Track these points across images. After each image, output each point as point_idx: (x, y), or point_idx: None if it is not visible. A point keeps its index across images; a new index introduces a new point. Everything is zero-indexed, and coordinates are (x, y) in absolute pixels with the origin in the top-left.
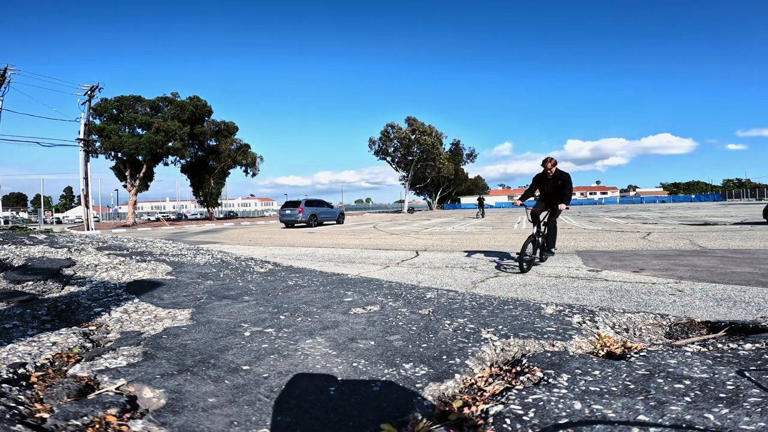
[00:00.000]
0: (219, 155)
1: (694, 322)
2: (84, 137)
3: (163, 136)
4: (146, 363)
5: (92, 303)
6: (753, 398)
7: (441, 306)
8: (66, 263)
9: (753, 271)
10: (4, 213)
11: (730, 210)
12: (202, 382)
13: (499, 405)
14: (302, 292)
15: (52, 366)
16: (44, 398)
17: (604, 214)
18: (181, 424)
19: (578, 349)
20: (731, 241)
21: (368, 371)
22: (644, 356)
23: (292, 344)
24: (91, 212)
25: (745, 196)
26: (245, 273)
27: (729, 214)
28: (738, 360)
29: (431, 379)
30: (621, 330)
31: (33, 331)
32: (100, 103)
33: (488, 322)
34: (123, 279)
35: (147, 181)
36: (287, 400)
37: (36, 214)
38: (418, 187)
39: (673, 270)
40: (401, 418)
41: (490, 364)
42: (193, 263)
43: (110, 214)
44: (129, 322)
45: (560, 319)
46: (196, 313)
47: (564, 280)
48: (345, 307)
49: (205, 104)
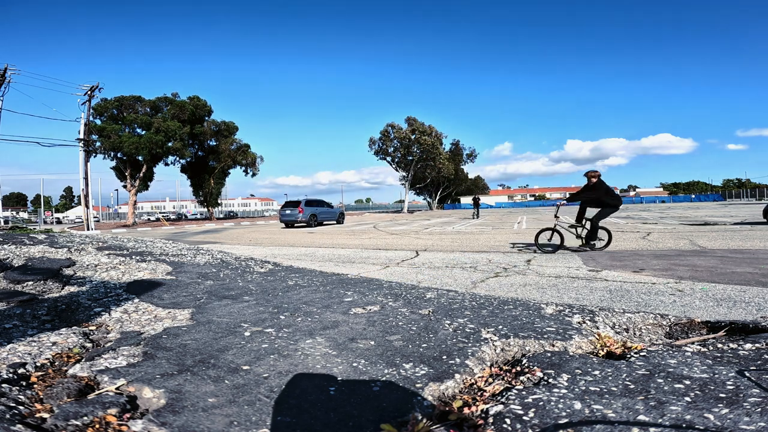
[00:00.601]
0: (219, 155)
1: (694, 322)
2: (84, 137)
3: (163, 136)
4: (146, 363)
5: (92, 303)
6: (753, 398)
7: (441, 306)
8: (66, 263)
9: (753, 271)
10: (4, 213)
11: (730, 210)
12: (202, 382)
13: (499, 405)
14: (302, 292)
15: (52, 366)
16: (44, 398)
17: None
18: (181, 424)
19: (578, 349)
20: (731, 241)
21: (368, 371)
22: (644, 356)
23: (292, 344)
24: (91, 212)
25: (745, 196)
26: (245, 273)
27: (729, 214)
28: (738, 360)
29: (431, 379)
30: (621, 330)
31: (33, 331)
32: (101, 103)
33: (488, 322)
34: (123, 279)
35: (147, 181)
36: (287, 400)
37: (36, 214)
38: (418, 187)
39: (673, 270)
40: (401, 418)
41: (490, 364)
42: (193, 263)
43: (110, 214)
44: (129, 322)
45: (560, 319)
46: (196, 313)
47: (564, 280)
48: (345, 307)
49: (205, 104)
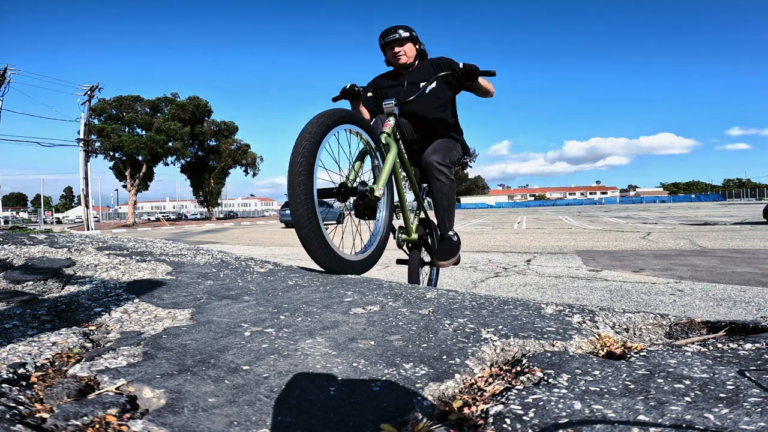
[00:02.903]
0: (219, 155)
1: (694, 322)
2: (84, 137)
3: (165, 136)
4: (146, 363)
5: (92, 303)
6: (753, 398)
7: (441, 306)
8: (66, 263)
9: (753, 271)
10: (4, 213)
11: (730, 210)
12: (202, 382)
13: (499, 405)
14: (302, 292)
15: (52, 366)
16: (44, 398)
17: (604, 214)
18: (181, 424)
19: (578, 349)
20: (731, 240)
21: (368, 371)
22: (644, 356)
23: (292, 344)
24: (91, 212)
25: (745, 196)
26: (245, 273)
27: (729, 214)
28: (738, 360)
29: (431, 379)
30: (621, 330)
31: (33, 331)
32: (99, 104)
33: (488, 322)
34: (123, 279)
35: (147, 181)
36: (287, 400)
37: (36, 214)
38: None
39: (673, 270)
40: (401, 418)
41: (490, 364)
42: (193, 263)
43: (110, 214)
44: (129, 322)
45: (560, 319)
46: (196, 313)
47: (564, 280)
48: (345, 307)
49: (206, 104)
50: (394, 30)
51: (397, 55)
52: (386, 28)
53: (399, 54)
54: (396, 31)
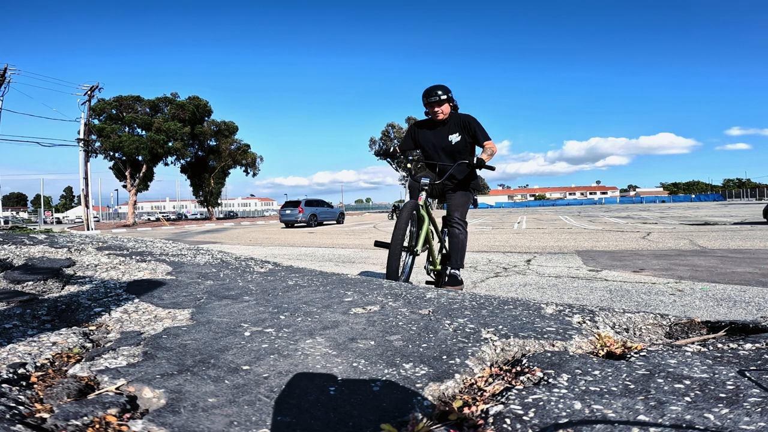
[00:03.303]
0: (219, 155)
1: (694, 322)
2: (84, 137)
3: (165, 136)
4: (146, 363)
5: (92, 303)
6: (753, 398)
7: (441, 306)
8: (66, 263)
9: (753, 271)
10: (4, 213)
11: (730, 210)
12: (202, 382)
13: (499, 405)
14: (302, 292)
15: (52, 366)
16: (44, 398)
17: (604, 214)
18: (181, 424)
19: (578, 349)
20: (731, 240)
21: (368, 371)
22: (644, 356)
23: (292, 344)
24: (91, 212)
25: (745, 196)
26: (245, 273)
27: (729, 213)
28: (738, 360)
29: (431, 379)
30: (621, 330)
31: (33, 331)
32: (99, 104)
33: (488, 322)
34: (123, 279)
35: (147, 181)
36: (287, 400)
37: (36, 214)
38: None
39: (673, 270)
40: (401, 418)
41: (490, 364)
42: (193, 263)
43: (110, 214)
44: (129, 322)
45: (560, 319)
46: (196, 313)
47: (564, 280)
48: (345, 307)
49: (206, 104)
50: (434, 93)
51: (437, 114)
52: (428, 89)
53: (438, 113)
54: (436, 93)
